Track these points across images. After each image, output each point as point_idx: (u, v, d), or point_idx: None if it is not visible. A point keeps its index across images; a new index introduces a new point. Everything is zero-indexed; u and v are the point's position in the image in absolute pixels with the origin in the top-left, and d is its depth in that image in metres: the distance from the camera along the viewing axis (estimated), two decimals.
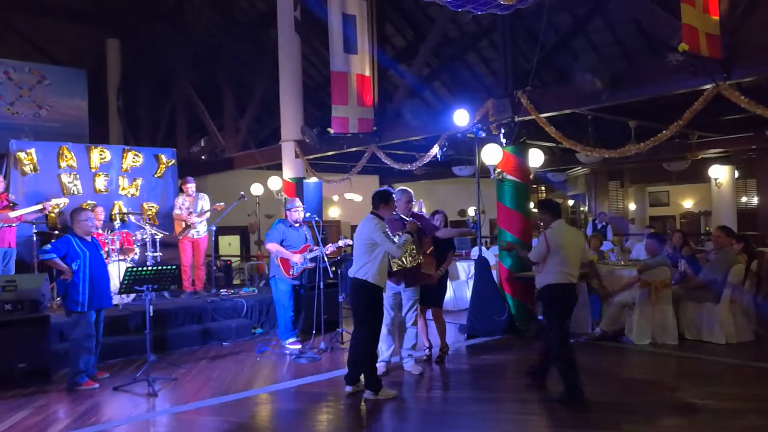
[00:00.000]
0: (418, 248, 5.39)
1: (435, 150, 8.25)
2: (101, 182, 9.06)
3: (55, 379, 5.66)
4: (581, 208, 20.03)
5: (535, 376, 5.21)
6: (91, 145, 9.41)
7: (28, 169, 8.50)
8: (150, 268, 5.50)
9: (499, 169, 7.48)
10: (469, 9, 5.15)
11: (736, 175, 14.80)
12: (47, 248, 5.37)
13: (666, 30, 5.92)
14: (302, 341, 6.86)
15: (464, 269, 9.58)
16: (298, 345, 6.74)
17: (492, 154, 7.28)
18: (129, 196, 9.32)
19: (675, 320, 6.66)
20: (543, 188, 22.31)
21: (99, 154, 9.08)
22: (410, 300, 5.68)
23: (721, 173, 14.22)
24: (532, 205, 8.83)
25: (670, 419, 4.39)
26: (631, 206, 19.02)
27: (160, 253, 8.02)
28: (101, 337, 5.72)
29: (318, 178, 10.62)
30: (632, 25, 9.68)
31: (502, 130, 7.41)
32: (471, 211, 17.11)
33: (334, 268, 7.00)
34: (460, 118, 7.35)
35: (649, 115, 8.86)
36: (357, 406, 4.85)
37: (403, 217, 5.50)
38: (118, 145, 10.42)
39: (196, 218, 8.33)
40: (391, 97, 9.66)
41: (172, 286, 6.34)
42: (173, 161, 9.81)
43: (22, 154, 8.46)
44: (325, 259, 6.80)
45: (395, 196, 5.52)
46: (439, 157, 8.28)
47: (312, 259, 6.84)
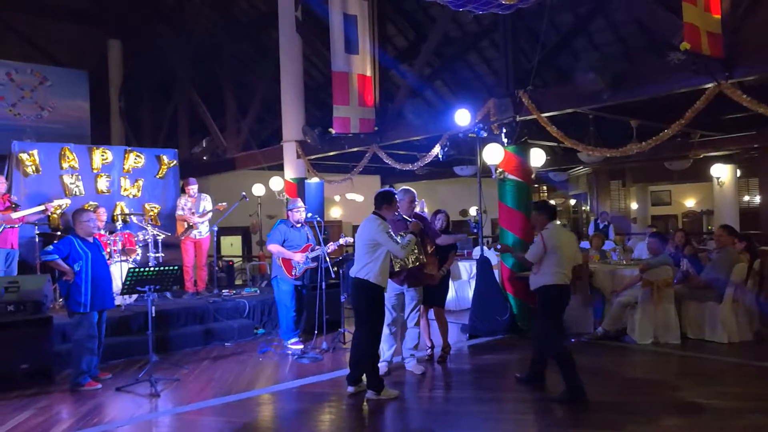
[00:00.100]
0: (420, 248, 5.38)
1: (436, 150, 8.25)
2: (103, 183, 9.07)
3: (58, 380, 5.68)
4: (583, 208, 20.00)
5: (529, 380, 5.21)
6: (93, 146, 9.41)
7: (30, 171, 8.51)
8: (152, 269, 5.51)
9: (500, 169, 7.48)
10: (471, 9, 5.14)
11: (738, 174, 14.75)
12: (49, 249, 5.38)
13: (667, 29, 5.91)
14: (304, 341, 6.87)
15: (466, 269, 9.57)
16: (300, 345, 6.75)
17: (493, 154, 7.28)
18: (131, 196, 9.32)
19: (677, 319, 6.65)
20: (545, 188, 22.28)
21: (101, 155, 9.09)
22: (413, 300, 5.68)
23: (723, 172, 14.19)
24: None
25: (673, 419, 4.39)
26: (633, 205, 18.99)
27: (162, 254, 8.04)
28: (104, 338, 5.74)
29: (319, 179, 10.63)
30: (634, 24, 9.68)
31: (504, 130, 7.41)
32: (473, 211, 17.11)
33: (335, 268, 7.01)
34: (462, 117, 7.35)
35: (651, 114, 8.85)
36: (359, 406, 4.85)
37: (405, 218, 5.50)
38: (120, 146, 10.45)
39: (198, 219, 8.34)
40: (392, 97, 9.65)
41: (174, 287, 6.36)
42: (175, 162, 9.82)
43: (24, 156, 8.47)
44: (327, 259, 6.81)
45: (398, 196, 5.51)
46: (440, 157, 8.28)
47: (314, 259, 6.85)
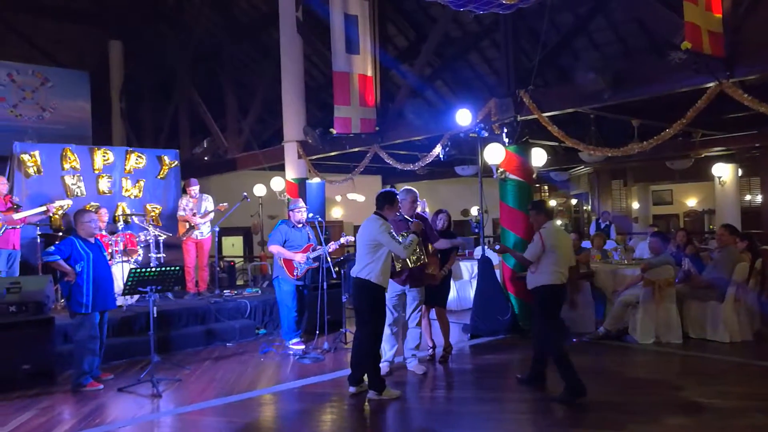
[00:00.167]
0: (422, 249, 5.38)
1: (437, 150, 8.26)
2: (104, 184, 9.08)
3: (60, 381, 5.68)
4: (584, 207, 19.99)
5: (530, 380, 5.20)
6: (95, 146, 9.43)
7: (31, 171, 8.53)
8: (153, 270, 5.51)
9: (501, 169, 7.48)
10: (471, 8, 5.14)
11: (740, 173, 14.74)
12: (51, 250, 5.38)
13: (668, 28, 5.90)
14: (306, 342, 6.87)
15: (467, 269, 9.56)
16: (302, 345, 6.75)
17: (495, 154, 7.28)
18: (132, 197, 9.33)
19: (679, 319, 6.64)
20: (546, 187, 22.27)
21: (102, 156, 9.10)
22: (415, 301, 5.68)
23: (724, 171, 14.18)
24: None
25: (675, 418, 4.38)
26: (635, 205, 18.97)
27: (164, 255, 8.04)
28: (105, 339, 5.75)
29: (321, 179, 10.63)
30: (634, 23, 9.67)
31: (505, 130, 7.40)
32: (474, 211, 17.10)
33: (337, 269, 7.00)
34: (463, 117, 7.34)
35: (652, 113, 8.84)
36: (361, 406, 4.85)
37: (407, 218, 5.50)
38: (121, 147, 10.46)
39: (200, 219, 8.35)
40: (393, 97, 9.65)
41: (175, 287, 6.36)
42: (176, 162, 9.82)
43: (26, 156, 8.48)
44: (329, 260, 6.81)
45: (400, 196, 5.52)
46: (441, 156, 8.28)
47: (315, 259, 6.85)
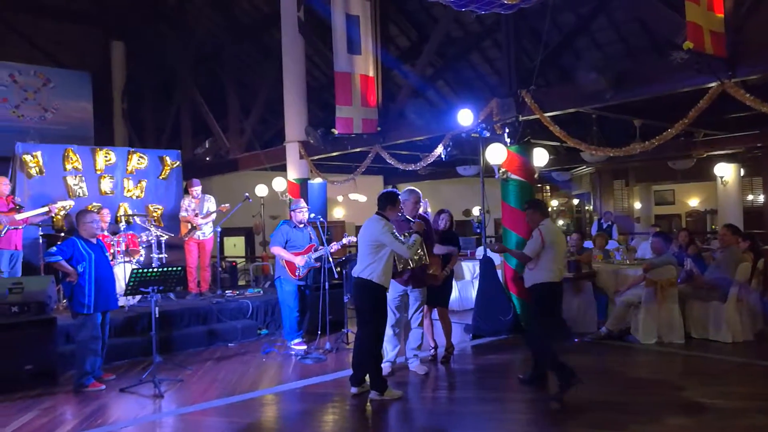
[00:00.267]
0: (423, 248, 5.37)
1: (439, 150, 8.25)
2: (106, 184, 9.09)
3: (62, 381, 5.68)
4: (586, 207, 19.97)
5: (532, 381, 5.18)
6: (97, 147, 9.45)
7: (33, 172, 8.54)
8: (155, 270, 5.52)
9: (503, 169, 7.47)
10: (473, 9, 5.14)
11: (742, 173, 14.72)
12: (53, 251, 5.39)
13: (670, 28, 5.89)
14: (307, 342, 6.88)
15: (469, 269, 9.56)
16: (304, 346, 6.75)
17: (496, 154, 7.27)
18: (134, 197, 9.34)
19: (681, 319, 6.63)
20: (548, 187, 22.25)
21: (104, 157, 9.12)
22: (417, 301, 5.68)
23: (726, 171, 14.16)
24: None
25: (677, 418, 4.37)
26: (637, 205, 18.94)
27: (166, 255, 8.04)
28: (107, 339, 5.75)
29: (322, 179, 10.63)
30: (636, 23, 9.66)
31: (507, 130, 7.40)
32: (476, 211, 17.11)
33: (339, 269, 7.00)
34: (464, 117, 7.34)
35: (654, 113, 8.83)
36: (363, 406, 4.85)
37: (408, 218, 5.50)
38: (123, 147, 10.46)
39: (202, 220, 8.35)
40: (394, 98, 9.65)
41: (177, 288, 6.36)
42: (178, 163, 9.83)
43: (28, 157, 8.50)
44: (330, 260, 6.81)
45: (403, 197, 5.52)
46: (443, 157, 8.28)
47: (317, 259, 6.85)
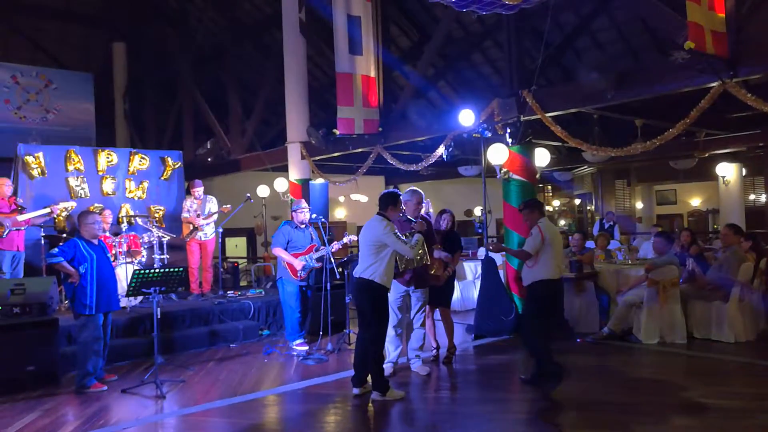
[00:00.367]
0: (425, 248, 5.37)
1: (441, 150, 8.25)
2: (108, 185, 9.11)
3: (64, 382, 5.69)
4: (588, 207, 19.96)
5: (533, 381, 5.15)
6: (98, 148, 9.46)
7: (35, 173, 8.56)
8: (157, 271, 5.52)
9: (505, 169, 7.47)
10: (474, 9, 5.15)
11: (744, 172, 14.70)
12: (54, 252, 5.40)
13: (671, 27, 5.88)
14: (309, 342, 6.88)
15: (471, 269, 9.55)
16: (306, 346, 6.75)
17: (498, 154, 7.27)
18: (136, 198, 9.36)
19: (683, 319, 6.62)
20: (549, 187, 22.26)
21: (106, 158, 9.13)
22: (420, 302, 5.68)
23: (728, 171, 14.14)
24: None
25: (679, 419, 4.37)
26: (638, 205, 18.93)
27: (168, 256, 8.04)
28: (109, 340, 5.75)
29: (324, 179, 10.64)
30: (637, 23, 9.65)
31: (508, 130, 7.39)
32: (477, 211, 17.10)
33: (340, 269, 7.00)
34: (466, 118, 7.34)
35: (656, 113, 8.83)
36: (365, 407, 4.85)
37: (410, 218, 5.50)
38: (125, 148, 10.48)
39: (204, 221, 8.36)
40: (396, 98, 9.65)
41: (179, 289, 6.36)
42: (179, 164, 9.84)
43: (30, 158, 8.52)
44: (332, 260, 6.81)
45: (405, 197, 5.52)
46: (444, 157, 8.27)
47: (318, 259, 6.85)
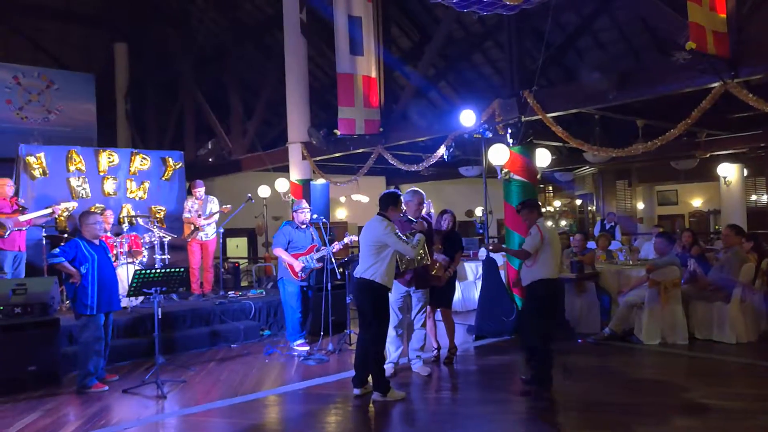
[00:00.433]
0: (425, 248, 5.37)
1: (442, 151, 8.25)
2: (110, 185, 9.11)
3: (65, 382, 5.70)
4: (589, 208, 19.95)
5: (534, 382, 5.11)
6: (100, 148, 9.46)
7: (37, 173, 8.56)
8: (158, 271, 5.52)
9: (506, 169, 7.47)
10: (475, 9, 5.15)
11: (745, 173, 14.68)
12: (56, 252, 5.41)
13: (673, 28, 5.88)
14: (310, 343, 6.88)
15: (472, 270, 9.55)
16: (306, 347, 6.75)
17: (499, 155, 7.27)
18: (137, 199, 9.36)
19: (685, 320, 6.61)
20: (550, 188, 22.24)
21: (107, 158, 9.13)
22: (420, 302, 5.67)
23: (730, 171, 14.12)
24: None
25: (681, 420, 4.36)
26: (639, 205, 18.92)
27: (169, 256, 8.05)
28: (110, 340, 5.76)
29: (325, 180, 10.64)
30: (638, 23, 9.65)
31: (509, 130, 7.39)
32: (478, 212, 17.09)
33: (341, 269, 7.00)
34: (467, 118, 7.34)
35: (657, 113, 8.82)
36: (365, 407, 4.85)
37: (410, 218, 5.50)
38: (126, 149, 10.48)
39: (205, 221, 8.37)
40: (397, 98, 9.66)
41: (180, 289, 6.36)
42: (181, 164, 9.85)
43: (32, 158, 8.52)
44: (333, 261, 6.81)
45: (407, 198, 5.52)
46: (445, 157, 8.27)
47: (319, 260, 6.85)
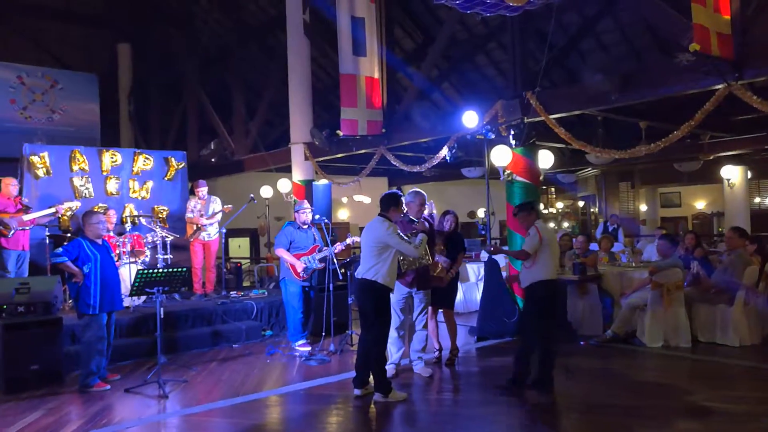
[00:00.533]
0: (426, 249, 5.36)
1: (444, 152, 8.24)
2: (112, 185, 9.12)
3: (67, 381, 5.71)
4: (591, 209, 19.91)
5: (536, 383, 5.05)
6: (103, 148, 9.48)
7: (41, 173, 8.58)
8: (161, 271, 5.53)
9: (508, 171, 7.46)
10: (478, 11, 5.15)
11: (749, 175, 14.62)
12: (59, 251, 5.42)
13: (676, 29, 5.87)
14: (312, 343, 6.88)
15: (474, 271, 9.54)
16: (308, 347, 6.75)
17: (501, 156, 7.26)
18: (140, 198, 9.37)
19: (688, 322, 6.59)
20: (553, 189, 22.21)
21: (110, 158, 9.15)
22: (422, 303, 5.67)
23: (733, 174, 14.07)
24: (542, 206, 8.77)
25: (684, 423, 4.35)
26: (642, 207, 18.88)
27: (171, 256, 8.06)
28: (113, 339, 5.77)
29: (327, 180, 10.64)
30: (642, 24, 9.63)
31: (512, 132, 7.38)
32: (481, 213, 17.08)
33: (343, 270, 7.00)
34: (470, 119, 7.33)
35: (660, 115, 8.80)
36: (367, 408, 4.85)
37: (412, 218, 5.50)
38: (129, 149, 10.49)
39: (207, 221, 8.38)
40: (400, 99, 9.66)
41: (182, 289, 6.38)
42: (183, 164, 9.86)
43: (36, 158, 8.54)
44: (335, 261, 6.81)
45: (408, 199, 5.52)
46: (448, 158, 8.27)
47: (321, 260, 6.85)
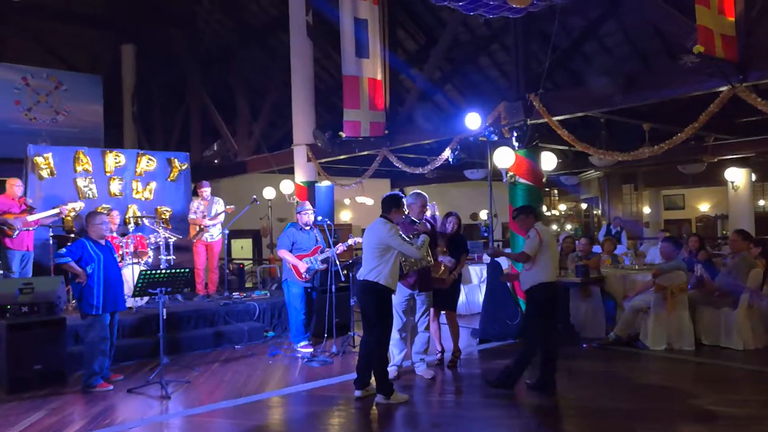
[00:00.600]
0: (428, 250, 5.36)
1: (447, 153, 8.25)
2: (116, 186, 9.15)
3: (70, 381, 5.72)
4: (594, 212, 19.88)
5: (538, 386, 5.08)
6: (106, 149, 9.51)
7: (45, 174, 8.61)
8: (164, 272, 5.54)
9: (511, 173, 7.45)
10: (482, 12, 5.16)
11: (753, 177, 14.58)
12: (62, 252, 5.44)
13: (680, 31, 5.86)
14: (314, 345, 6.87)
15: (476, 273, 9.52)
16: (310, 348, 6.75)
17: (504, 158, 7.26)
18: (143, 199, 9.39)
19: (691, 325, 6.57)
20: (556, 191, 22.20)
21: (114, 159, 9.17)
22: (424, 305, 5.66)
23: (737, 176, 14.02)
24: (544, 208, 8.76)
25: (687, 426, 4.33)
26: (646, 210, 18.84)
27: (174, 257, 8.07)
28: (115, 340, 5.79)
29: (330, 182, 10.64)
30: (646, 27, 9.61)
31: (515, 133, 7.38)
32: (483, 215, 17.06)
33: (345, 271, 7.00)
34: (472, 121, 7.33)
35: (664, 117, 8.78)
36: (368, 410, 4.84)
37: (414, 219, 5.50)
38: (133, 150, 10.52)
39: (210, 222, 8.39)
40: (402, 101, 9.66)
41: (185, 289, 6.38)
42: (186, 165, 9.88)
43: (40, 159, 8.57)
44: (337, 263, 6.81)
45: (409, 200, 5.52)
46: (450, 160, 8.27)
47: (323, 261, 6.85)
